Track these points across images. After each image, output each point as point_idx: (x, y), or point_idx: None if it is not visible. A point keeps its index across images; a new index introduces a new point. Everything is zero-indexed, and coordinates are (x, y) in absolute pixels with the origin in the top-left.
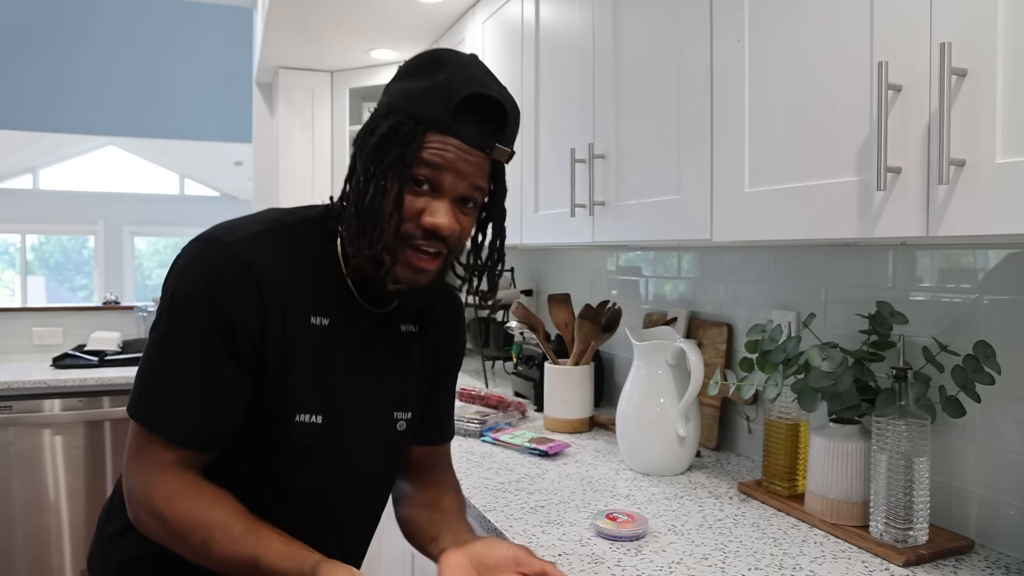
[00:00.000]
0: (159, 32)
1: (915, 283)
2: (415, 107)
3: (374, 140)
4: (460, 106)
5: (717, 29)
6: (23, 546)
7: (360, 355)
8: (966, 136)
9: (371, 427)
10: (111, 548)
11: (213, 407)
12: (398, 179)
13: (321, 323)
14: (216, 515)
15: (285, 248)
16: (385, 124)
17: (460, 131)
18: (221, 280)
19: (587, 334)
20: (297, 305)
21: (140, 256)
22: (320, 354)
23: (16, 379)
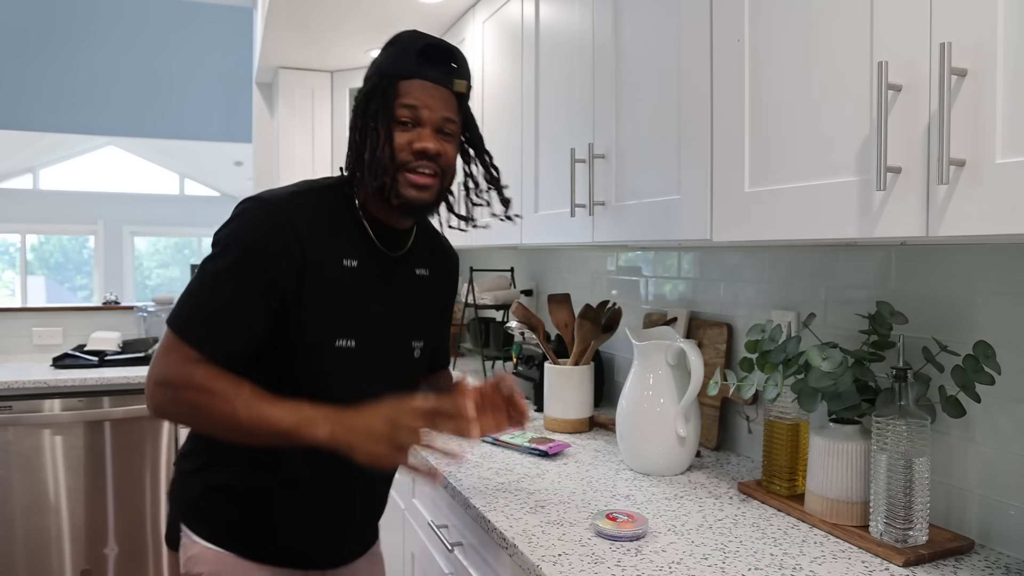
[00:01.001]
0: (159, 32)
1: (915, 283)
2: (385, 68)
3: (361, 102)
4: (419, 55)
5: (717, 29)
6: (23, 546)
7: (385, 291)
8: (966, 136)
9: (393, 351)
10: (192, 480)
11: (234, 330)
12: (385, 121)
13: (351, 264)
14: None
15: (316, 205)
16: (366, 88)
17: (424, 73)
18: (264, 232)
19: (587, 334)
20: (331, 250)
21: (140, 256)
22: (353, 289)
23: (16, 379)
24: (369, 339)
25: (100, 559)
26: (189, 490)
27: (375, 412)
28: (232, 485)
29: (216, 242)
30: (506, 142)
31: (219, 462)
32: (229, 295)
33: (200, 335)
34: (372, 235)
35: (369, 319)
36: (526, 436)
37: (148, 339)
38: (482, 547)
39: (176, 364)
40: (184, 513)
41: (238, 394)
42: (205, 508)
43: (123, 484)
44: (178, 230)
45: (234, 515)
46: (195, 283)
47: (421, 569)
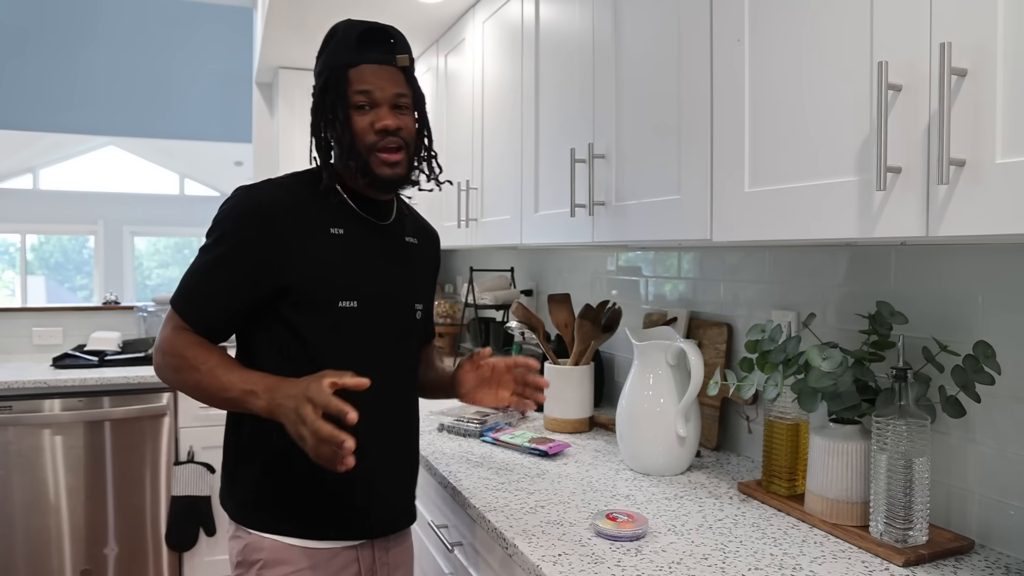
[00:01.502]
0: (159, 32)
1: (915, 283)
2: (331, 61)
3: (318, 97)
4: (358, 42)
5: (717, 29)
6: (23, 546)
7: (378, 256)
8: (966, 136)
9: (396, 312)
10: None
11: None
12: (343, 109)
13: (338, 232)
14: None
15: (295, 188)
16: (319, 84)
17: (367, 57)
18: (240, 216)
19: (587, 334)
20: (314, 223)
21: (140, 256)
22: (346, 254)
23: (16, 379)
24: (371, 299)
25: (100, 559)
26: (238, 488)
27: (293, 393)
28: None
29: (209, 229)
30: (506, 142)
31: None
32: (210, 273)
33: (184, 307)
34: (355, 207)
35: (368, 280)
36: (526, 436)
37: (148, 339)
38: (482, 547)
39: (167, 331)
40: (236, 512)
41: (206, 360)
42: (254, 501)
43: (123, 484)
44: (178, 230)
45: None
46: (191, 265)
47: (421, 569)
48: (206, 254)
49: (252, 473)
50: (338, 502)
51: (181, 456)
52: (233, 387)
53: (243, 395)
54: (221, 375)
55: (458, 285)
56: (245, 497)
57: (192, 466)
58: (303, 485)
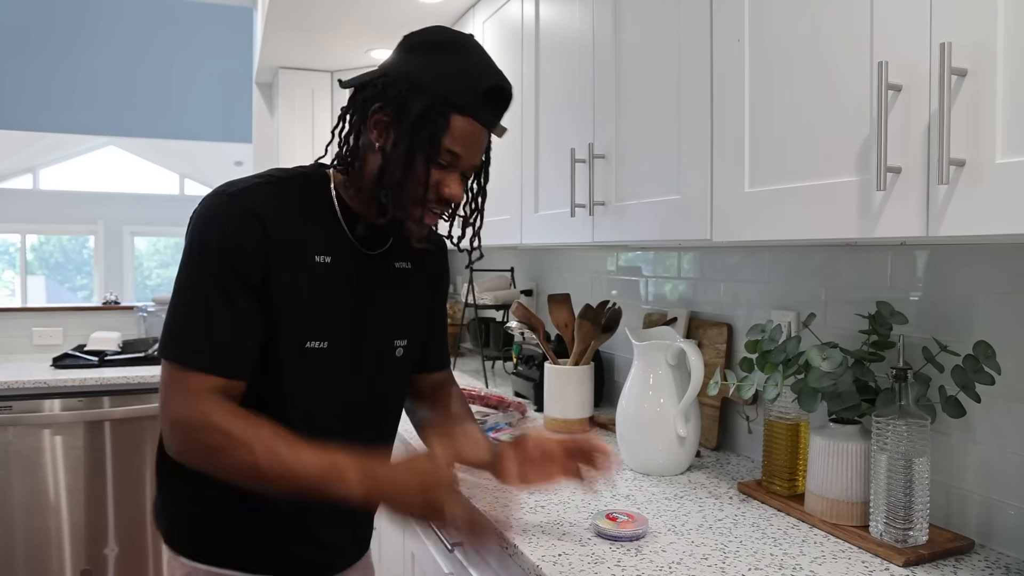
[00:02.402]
0: (159, 32)
1: (915, 283)
2: (446, 90)
3: (409, 120)
4: (484, 94)
5: (717, 29)
6: (23, 546)
7: (359, 289)
8: (966, 136)
9: (372, 352)
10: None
11: (238, 339)
12: (426, 159)
13: (324, 260)
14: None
15: (284, 196)
16: (416, 105)
17: (480, 115)
18: (231, 227)
19: (587, 334)
20: (300, 244)
21: (140, 256)
22: (325, 287)
23: (16, 379)
24: (343, 339)
25: (100, 559)
26: (173, 512)
27: (409, 475)
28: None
29: (187, 245)
30: (506, 142)
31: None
32: (219, 305)
33: (203, 356)
34: (347, 229)
35: (342, 318)
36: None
37: (148, 339)
38: (482, 547)
39: (186, 399)
40: (169, 536)
41: (257, 436)
42: (189, 528)
43: (123, 484)
44: (178, 230)
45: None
46: (176, 301)
47: (421, 569)
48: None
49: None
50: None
51: None
52: (307, 472)
53: (326, 481)
54: (287, 455)
55: (458, 285)
56: (186, 521)
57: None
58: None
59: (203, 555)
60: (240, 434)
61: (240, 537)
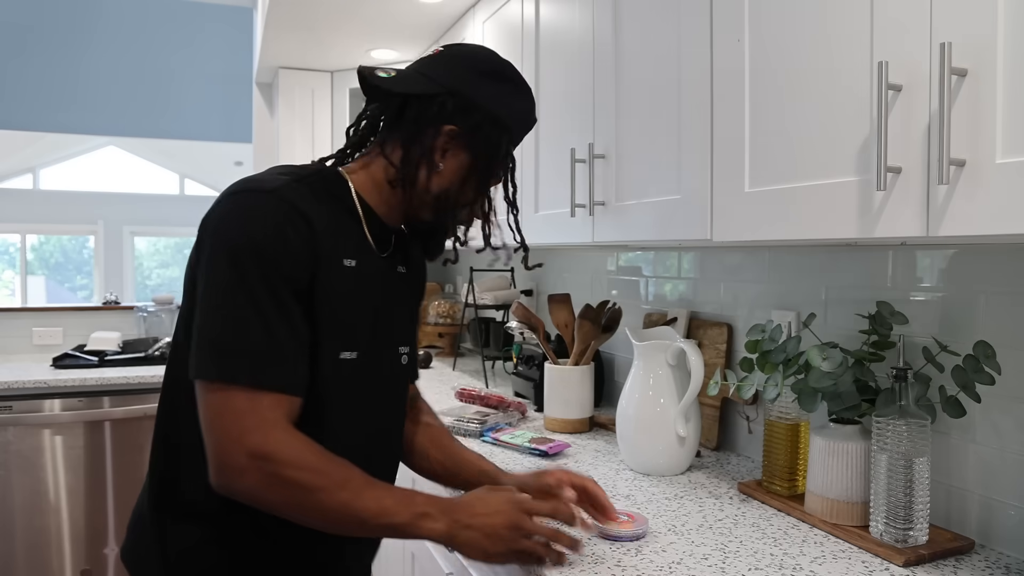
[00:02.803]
0: (159, 32)
1: (915, 283)
2: (517, 128)
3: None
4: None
5: (717, 29)
6: (23, 546)
7: (377, 295)
8: (966, 136)
9: (387, 361)
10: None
11: (299, 351)
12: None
13: (350, 264)
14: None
15: (316, 197)
16: (503, 142)
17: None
18: (279, 227)
19: (587, 334)
20: (334, 249)
21: (140, 256)
22: (353, 294)
23: (16, 379)
24: (369, 349)
25: (100, 559)
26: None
27: (492, 510)
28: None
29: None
30: None
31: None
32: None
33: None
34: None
35: (368, 327)
36: (526, 436)
37: (148, 339)
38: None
39: (266, 428)
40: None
41: (350, 477)
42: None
43: (123, 484)
44: (178, 230)
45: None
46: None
47: (421, 569)
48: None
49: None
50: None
51: None
52: (397, 512)
53: (412, 521)
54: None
55: (458, 285)
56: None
57: None
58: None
59: None
60: (333, 473)
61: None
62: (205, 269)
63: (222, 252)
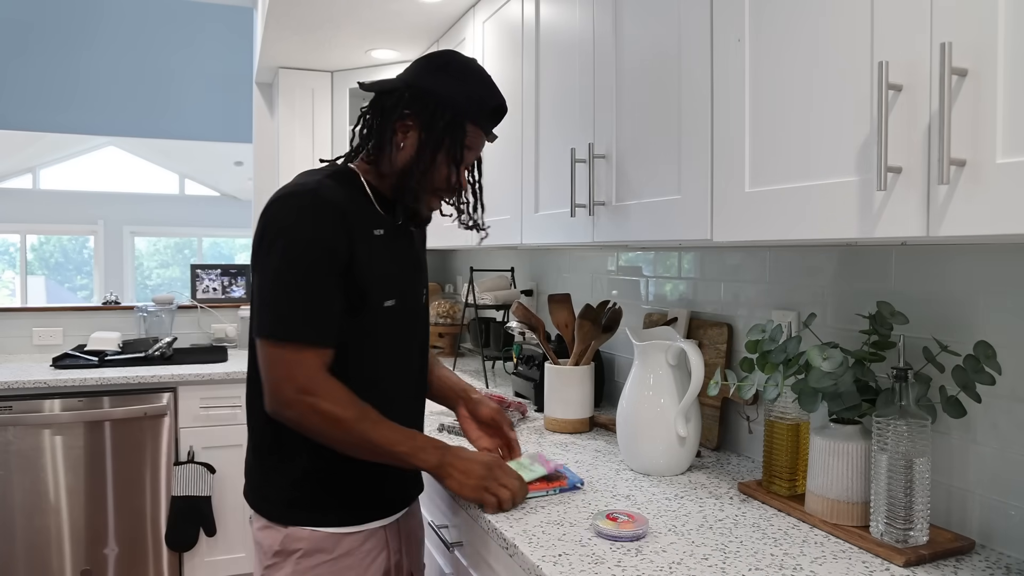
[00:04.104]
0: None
1: (915, 283)
2: (464, 108)
3: (438, 129)
4: (491, 112)
5: (717, 29)
6: (23, 546)
7: (400, 251)
8: (966, 136)
9: (417, 304)
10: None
11: (333, 313)
12: (446, 157)
13: (379, 233)
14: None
15: (342, 187)
16: (443, 117)
17: (485, 127)
18: (320, 219)
19: (587, 334)
20: (364, 224)
21: (140, 256)
22: (386, 254)
23: (16, 379)
24: (404, 296)
25: (100, 559)
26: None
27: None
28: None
29: (273, 239)
30: (506, 142)
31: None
32: (317, 288)
33: (314, 332)
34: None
35: (401, 278)
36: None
37: (148, 339)
38: (482, 547)
39: (313, 372)
40: (272, 511)
41: (366, 415)
42: (292, 499)
43: (123, 484)
44: (178, 230)
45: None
46: (279, 286)
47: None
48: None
49: (291, 473)
50: (369, 488)
51: (181, 456)
52: (401, 444)
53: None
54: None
55: (458, 285)
56: (283, 496)
57: (192, 466)
58: (340, 478)
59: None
60: (366, 410)
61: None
62: (266, 254)
63: (278, 241)
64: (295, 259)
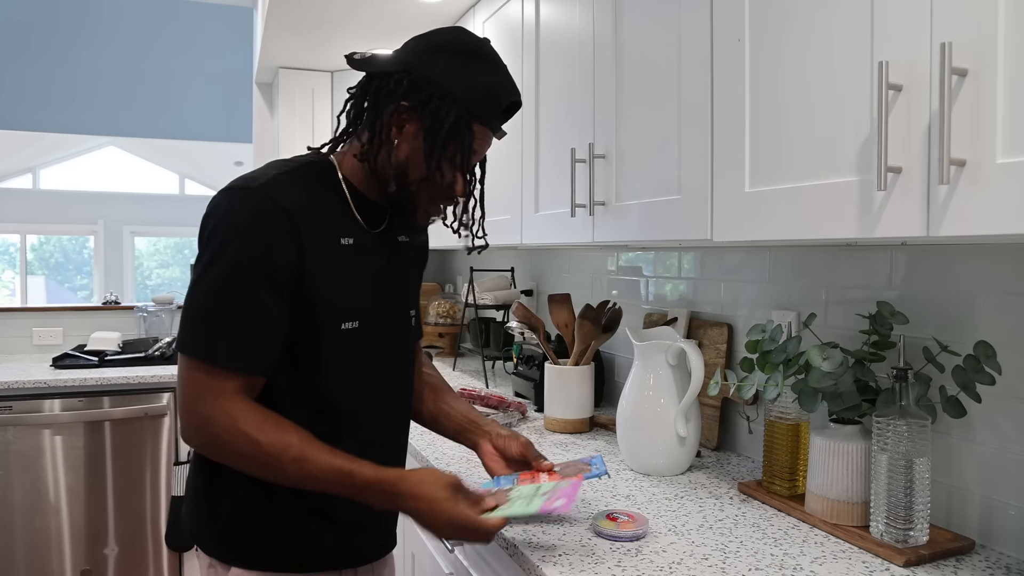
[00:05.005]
0: (159, 32)
1: (915, 283)
2: (476, 104)
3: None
4: (504, 110)
5: (717, 29)
6: (23, 546)
7: (378, 265)
8: (966, 136)
9: (393, 324)
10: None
11: (263, 335)
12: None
13: (347, 242)
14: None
15: (301, 184)
16: (450, 116)
17: (495, 127)
18: (257, 220)
19: (587, 334)
20: (326, 229)
21: (140, 256)
22: (352, 268)
23: (16, 379)
24: (371, 317)
25: (100, 559)
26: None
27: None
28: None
29: (207, 242)
30: (506, 142)
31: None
32: (242, 301)
33: (229, 354)
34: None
35: (369, 297)
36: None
37: (148, 339)
38: (482, 547)
39: (213, 399)
40: (215, 549)
41: (286, 448)
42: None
43: (123, 484)
44: (178, 230)
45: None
46: (200, 296)
47: (421, 569)
48: (222, 275)
49: (234, 505)
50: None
51: (181, 456)
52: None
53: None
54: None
55: (458, 285)
56: (228, 531)
57: None
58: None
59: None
60: (268, 445)
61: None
62: (200, 254)
63: (207, 242)
64: (223, 268)
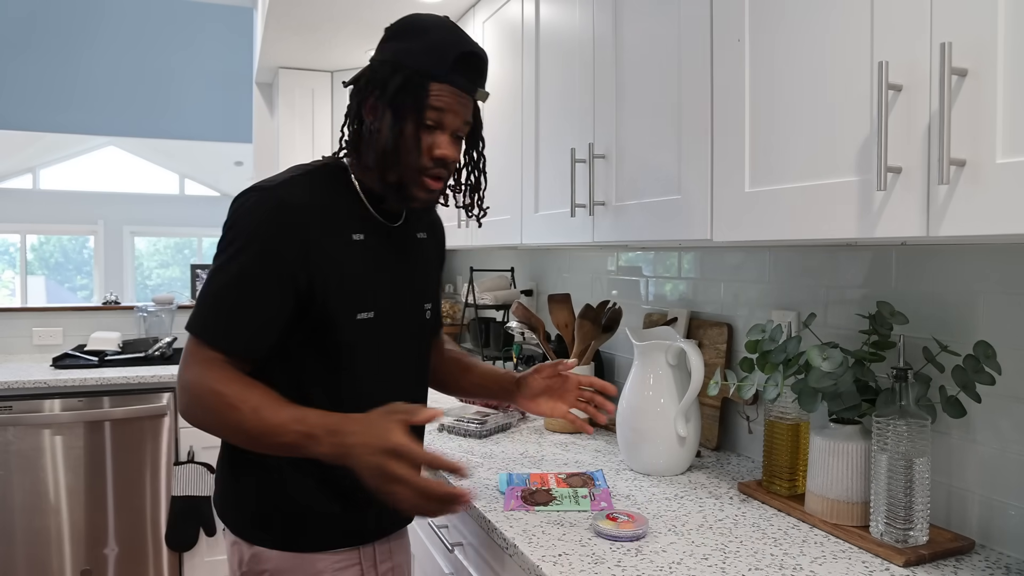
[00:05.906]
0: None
1: (915, 283)
2: (418, 63)
3: (390, 93)
4: (455, 60)
5: (717, 29)
6: (23, 546)
7: (393, 260)
8: (966, 136)
9: (409, 317)
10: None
11: (253, 322)
12: (415, 124)
13: (359, 238)
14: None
15: (314, 186)
16: (395, 79)
17: (455, 80)
18: (267, 220)
19: (587, 334)
20: (337, 227)
21: (140, 256)
22: (365, 262)
23: (16, 379)
24: (386, 309)
25: (100, 559)
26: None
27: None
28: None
29: (222, 237)
30: (506, 142)
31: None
32: (237, 288)
33: (214, 333)
34: (371, 209)
35: (384, 289)
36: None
37: (148, 339)
38: (482, 547)
39: (196, 366)
40: (238, 527)
41: (246, 400)
42: (259, 516)
43: (123, 484)
44: (178, 230)
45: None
46: (208, 284)
47: (421, 569)
48: (227, 266)
49: (254, 488)
50: (346, 511)
51: (181, 456)
52: (285, 430)
53: (300, 439)
54: (268, 416)
55: (458, 285)
56: (248, 512)
57: (192, 466)
58: (311, 497)
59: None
60: (231, 396)
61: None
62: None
63: (223, 237)
64: (234, 260)
